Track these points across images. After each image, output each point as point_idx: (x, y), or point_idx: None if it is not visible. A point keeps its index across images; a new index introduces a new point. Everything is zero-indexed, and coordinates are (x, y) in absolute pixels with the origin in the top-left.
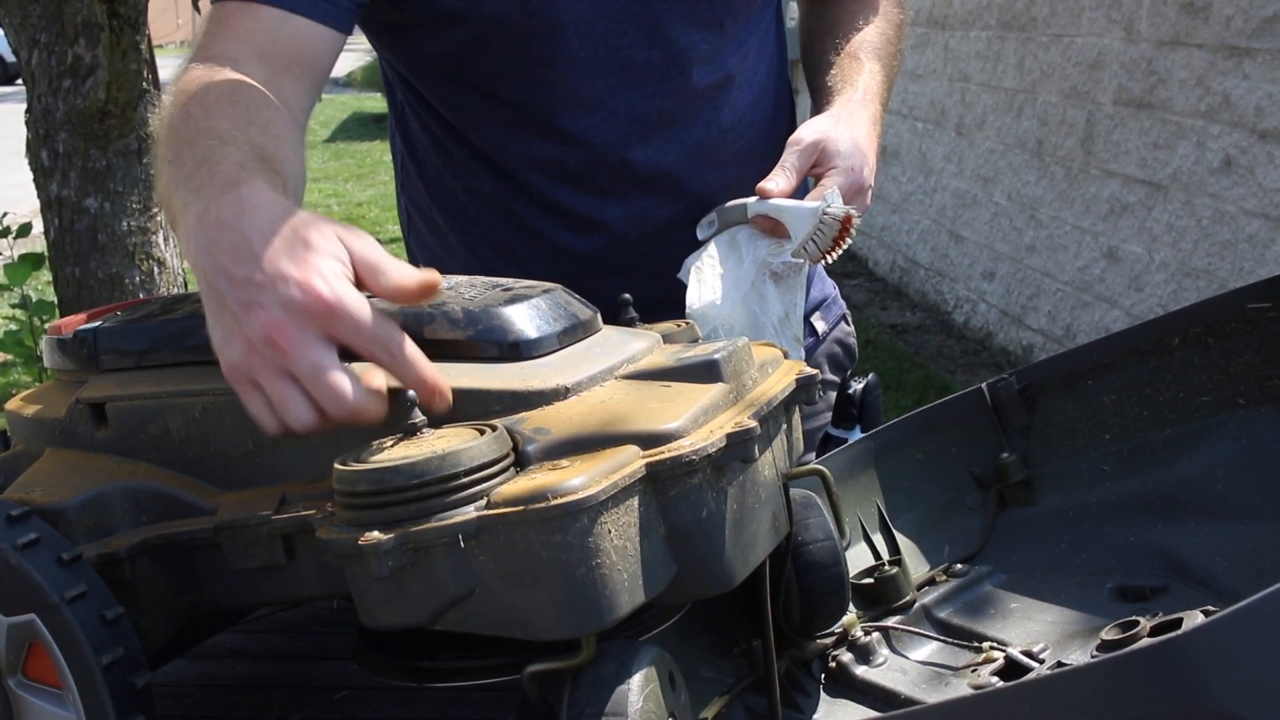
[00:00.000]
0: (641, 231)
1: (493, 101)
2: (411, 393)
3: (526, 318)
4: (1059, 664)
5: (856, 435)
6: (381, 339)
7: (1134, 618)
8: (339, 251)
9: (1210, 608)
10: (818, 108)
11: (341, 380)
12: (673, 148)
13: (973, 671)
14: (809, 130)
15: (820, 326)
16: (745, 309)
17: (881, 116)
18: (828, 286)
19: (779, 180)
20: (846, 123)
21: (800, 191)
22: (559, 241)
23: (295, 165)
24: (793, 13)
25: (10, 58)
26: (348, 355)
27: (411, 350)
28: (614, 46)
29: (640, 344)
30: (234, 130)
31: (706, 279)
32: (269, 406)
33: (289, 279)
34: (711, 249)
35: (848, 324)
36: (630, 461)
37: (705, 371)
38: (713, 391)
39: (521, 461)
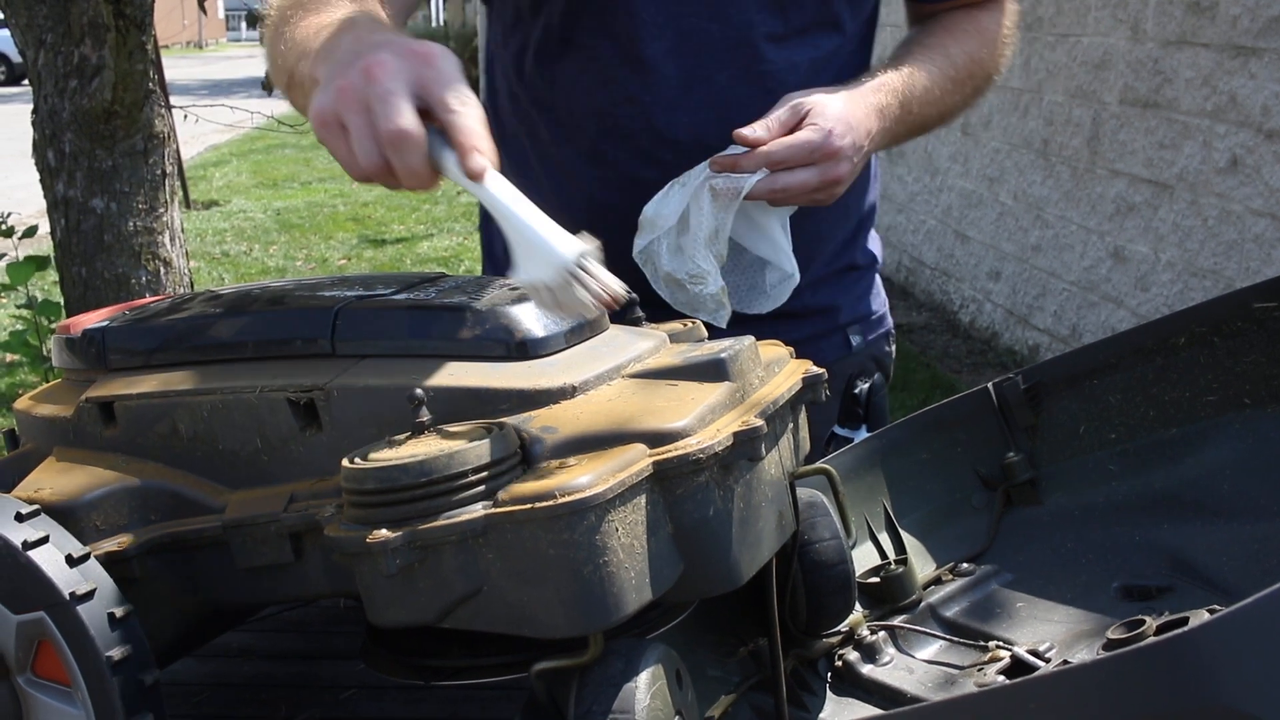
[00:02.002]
0: None
1: (565, 45)
2: (419, 391)
3: (533, 317)
4: (1065, 663)
5: (862, 435)
6: (462, 92)
7: (1140, 617)
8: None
9: (1216, 607)
10: None
11: (406, 108)
12: (721, 125)
13: (979, 671)
14: (803, 92)
15: (855, 341)
16: (685, 220)
17: (898, 114)
18: (877, 305)
19: (757, 129)
20: (844, 98)
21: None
22: (595, 194)
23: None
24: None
25: (16, 58)
26: None
27: (477, 113)
28: (675, 12)
29: (646, 343)
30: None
31: (672, 192)
32: (348, 147)
33: (411, 43)
34: (694, 170)
35: (889, 344)
36: (637, 460)
37: (712, 370)
38: (719, 390)
39: (529, 460)
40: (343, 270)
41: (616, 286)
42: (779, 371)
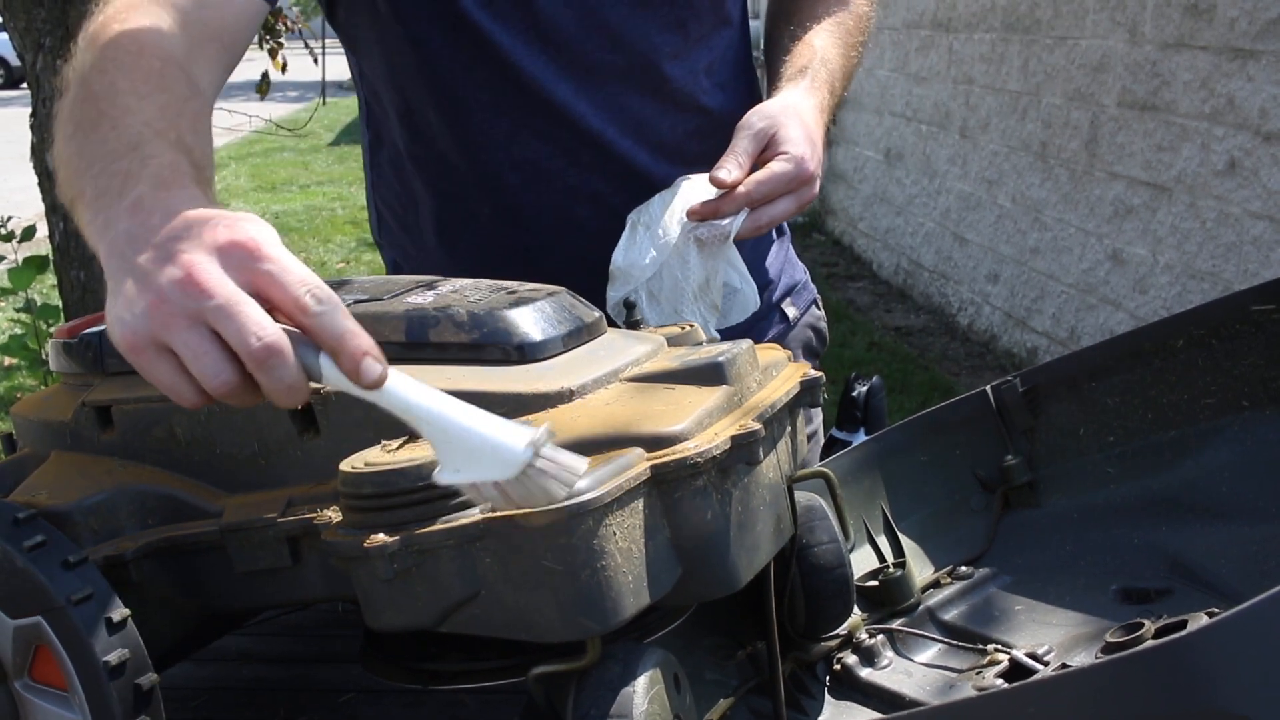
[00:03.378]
0: (615, 228)
1: (462, 102)
2: None
3: (531, 321)
4: (1064, 666)
5: (861, 438)
6: (310, 284)
7: (1139, 620)
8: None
9: (1215, 609)
10: (769, 94)
11: (261, 315)
12: (641, 146)
13: (977, 674)
14: (759, 115)
15: (791, 313)
16: (668, 271)
17: (830, 104)
18: (798, 272)
19: (731, 169)
20: (795, 109)
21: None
22: (529, 245)
23: (212, 169)
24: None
25: (15, 61)
26: None
27: (340, 308)
28: (576, 52)
29: (644, 347)
30: (163, 121)
31: (639, 236)
32: (180, 370)
33: (216, 228)
34: (653, 204)
35: (818, 308)
36: (635, 464)
37: (709, 374)
38: (717, 394)
39: None
40: (341, 273)
41: (577, 464)
42: (776, 375)
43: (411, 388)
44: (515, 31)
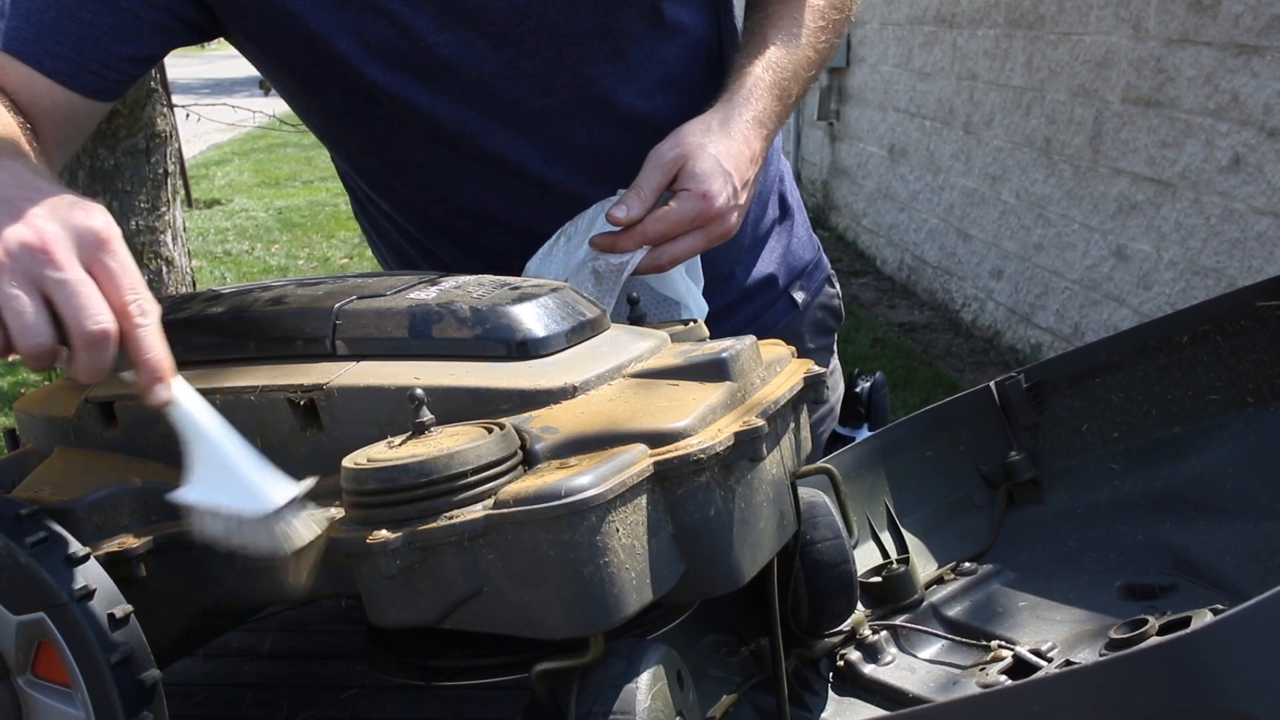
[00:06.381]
0: None
1: (403, 166)
2: (420, 391)
3: (534, 317)
4: (1067, 663)
5: (864, 434)
6: (140, 295)
7: (1143, 616)
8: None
9: (1219, 606)
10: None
11: (102, 301)
12: (596, 178)
13: (981, 670)
14: (671, 144)
15: (800, 297)
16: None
17: (778, 110)
18: (807, 252)
19: (630, 205)
20: (718, 132)
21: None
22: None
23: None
24: None
25: None
26: None
27: (157, 324)
28: (514, 98)
29: (647, 343)
30: None
31: (558, 248)
32: None
33: (73, 208)
34: (583, 217)
35: (832, 284)
36: (638, 460)
37: (713, 370)
38: (720, 390)
39: (529, 460)
40: (345, 269)
41: (305, 533)
42: (780, 371)
43: (197, 411)
44: (437, 92)
